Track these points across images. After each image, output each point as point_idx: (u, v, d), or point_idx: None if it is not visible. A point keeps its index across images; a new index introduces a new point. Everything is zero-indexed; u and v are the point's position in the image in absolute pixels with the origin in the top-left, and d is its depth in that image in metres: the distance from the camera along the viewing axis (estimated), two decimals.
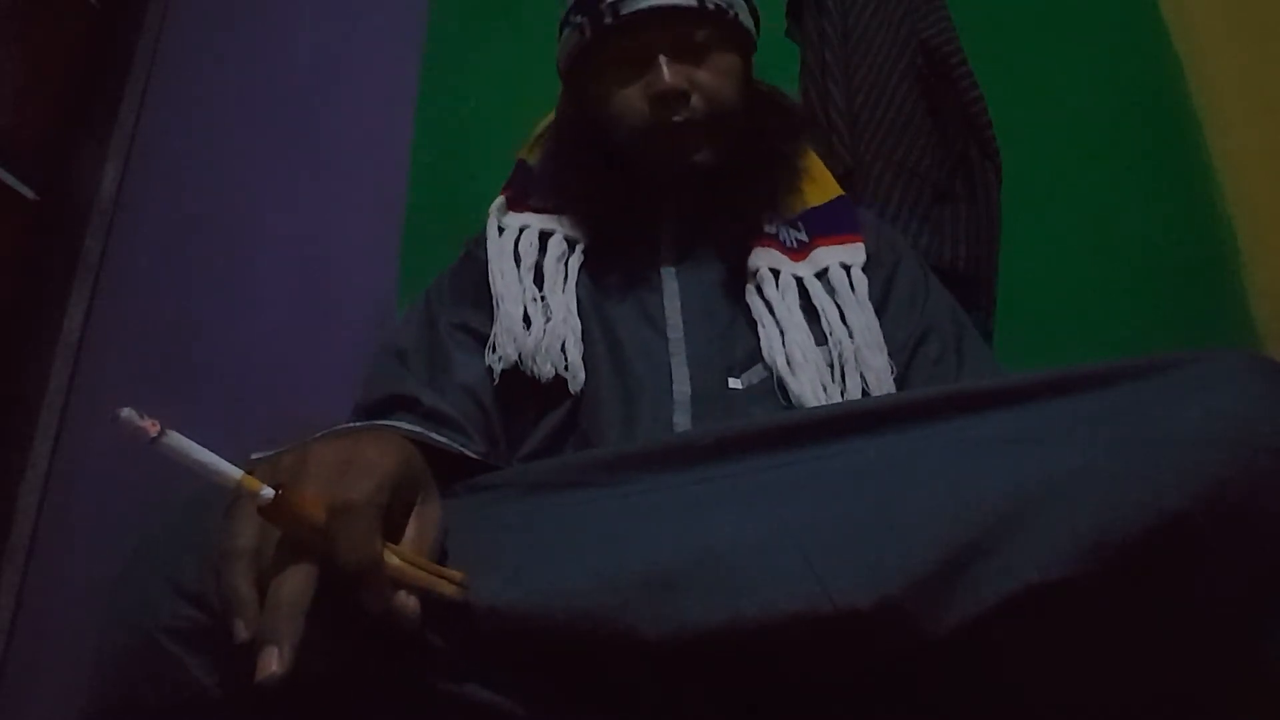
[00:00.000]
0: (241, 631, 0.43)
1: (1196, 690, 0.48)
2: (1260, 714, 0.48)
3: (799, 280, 0.84)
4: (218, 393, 1.44)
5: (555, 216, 0.89)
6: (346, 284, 1.50)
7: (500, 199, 0.93)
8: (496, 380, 0.80)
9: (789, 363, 0.78)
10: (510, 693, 0.47)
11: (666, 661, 0.46)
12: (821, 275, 0.85)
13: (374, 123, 1.62)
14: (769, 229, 0.87)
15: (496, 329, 0.83)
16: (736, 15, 0.88)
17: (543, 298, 0.84)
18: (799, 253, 0.87)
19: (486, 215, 0.93)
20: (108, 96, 1.65)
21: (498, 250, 0.87)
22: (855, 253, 0.87)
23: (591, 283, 0.87)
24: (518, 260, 0.86)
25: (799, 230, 0.89)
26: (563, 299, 0.83)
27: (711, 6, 0.85)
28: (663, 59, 0.83)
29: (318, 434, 0.53)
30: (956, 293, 1.19)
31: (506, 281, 0.84)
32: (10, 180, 1.48)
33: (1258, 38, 1.43)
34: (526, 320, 0.82)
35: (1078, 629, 0.46)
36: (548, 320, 0.82)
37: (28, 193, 1.52)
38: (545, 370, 0.79)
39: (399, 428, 0.57)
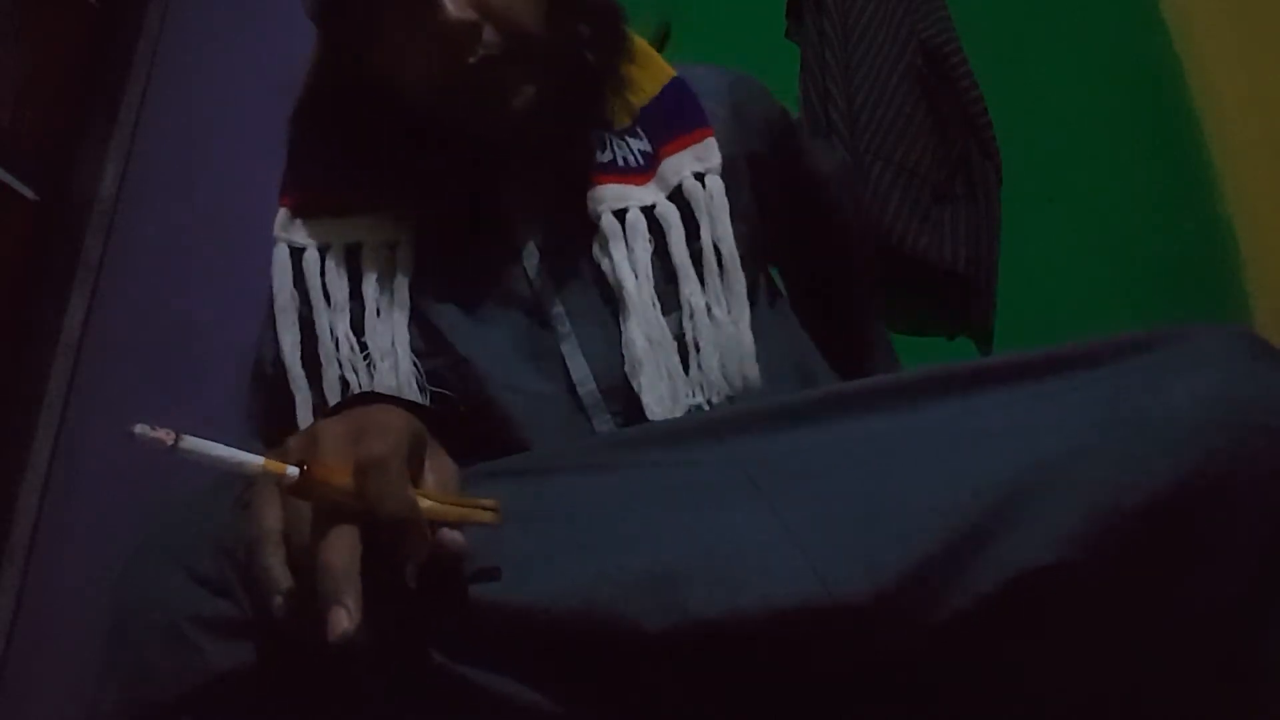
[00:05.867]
0: (279, 604, 0.43)
1: (1195, 676, 0.48)
2: (1259, 701, 0.48)
3: (649, 212, 0.69)
4: (217, 392, 1.44)
5: (358, 217, 0.71)
6: None
7: (282, 212, 0.74)
8: None
9: (632, 358, 0.66)
10: (522, 683, 0.47)
11: (669, 654, 0.47)
12: (675, 195, 0.70)
13: None
14: (603, 156, 0.71)
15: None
16: None
17: (363, 345, 0.68)
18: (645, 172, 0.71)
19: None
20: (108, 96, 1.65)
21: (289, 297, 0.70)
22: (706, 151, 0.72)
23: (434, 288, 0.70)
24: (328, 299, 0.69)
25: (639, 138, 0.72)
26: (389, 341, 0.68)
27: None
28: None
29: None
30: (956, 293, 1.20)
31: (322, 346, 0.68)
32: (10, 180, 1.49)
33: (1258, 37, 1.43)
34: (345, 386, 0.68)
35: (1075, 615, 0.47)
36: (370, 375, 0.67)
37: (28, 193, 1.52)
38: None
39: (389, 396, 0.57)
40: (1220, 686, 0.48)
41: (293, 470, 0.44)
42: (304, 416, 0.69)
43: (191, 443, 0.42)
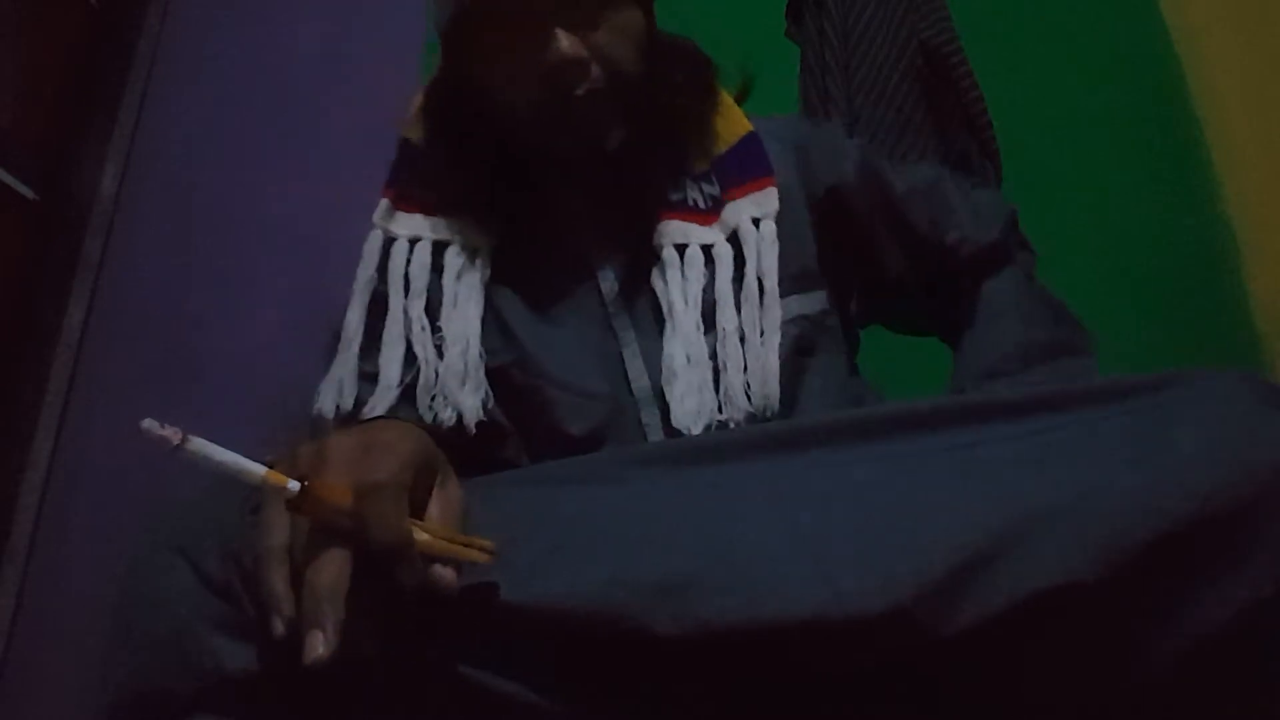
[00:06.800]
0: (279, 627, 0.44)
1: (1202, 697, 0.48)
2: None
3: (708, 250, 0.77)
4: (217, 391, 1.44)
5: (449, 219, 0.78)
6: (347, 283, 1.49)
7: (384, 203, 0.81)
8: None
9: (669, 370, 0.72)
10: (528, 683, 0.48)
11: (680, 658, 0.47)
12: (733, 237, 0.77)
13: (374, 121, 1.62)
14: (675, 195, 0.78)
15: (326, 378, 0.75)
16: None
17: (437, 328, 0.74)
18: (711, 213, 0.78)
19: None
20: (108, 96, 1.65)
21: (371, 276, 0.78)
22: (765, 200, 0.78)
23: (511, 289, 0.78)
24: (407, 285, 0.76)
25: (711, 183, 0.80)
26: (463, 330, 0.74)
27: None
28: (557, 28, 0.71)
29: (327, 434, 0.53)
30: None
31: (390, 316, 0.75)
32: (10, 180, 1.49)
33: (1258, 38, 1.43)
34: (409, 360, 0.74)
35: (1083, 633, 0.47)
36: (440, 356, 0.73)
37: (28, 193, 1.52)
38: (445, 415, 0.71)
39: (408, 419, 0.58)
40: (1229, 707, 0.49)
41: (293, 485, 0.44)
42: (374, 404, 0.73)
43: (197, 444, 0.42)
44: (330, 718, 0.48)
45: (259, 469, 0.44)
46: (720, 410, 0.71)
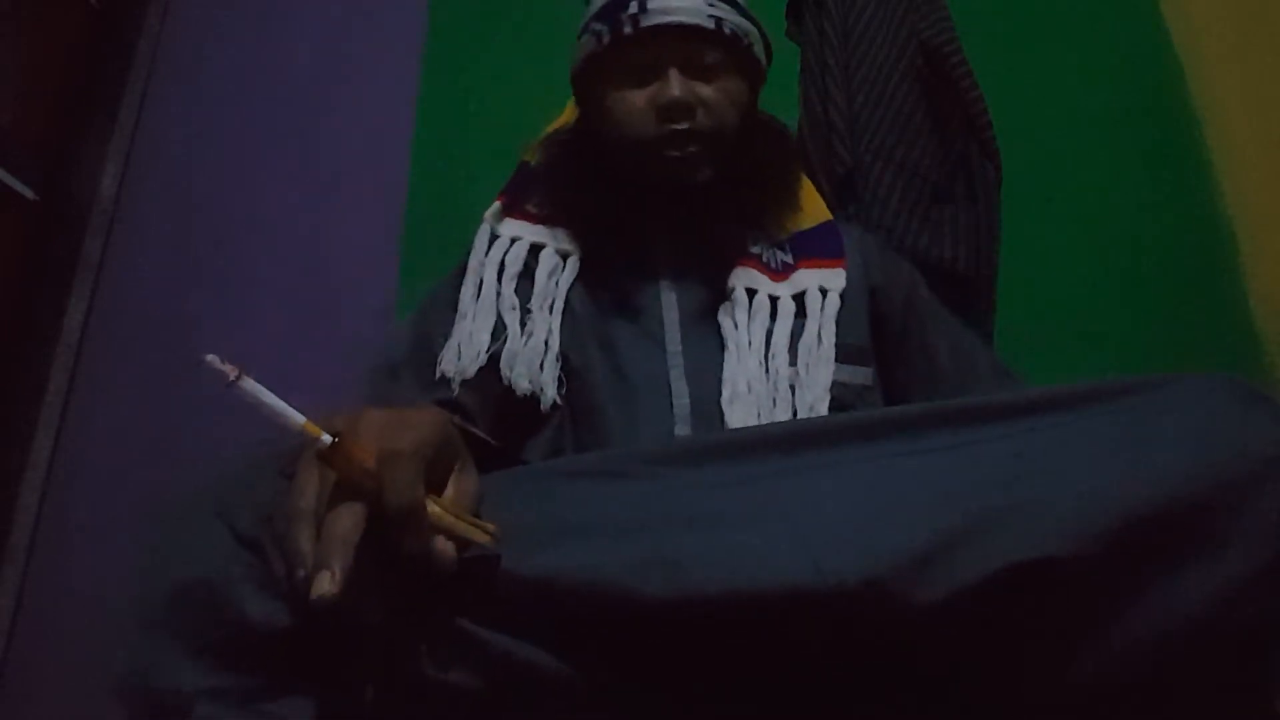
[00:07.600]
0: (299, 575, 0.47)
1: (1178, 681, 0.50)
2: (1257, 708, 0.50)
3: (774, 300, 0.87)
4: (216, 392, 1.44)
5: (549, 228, 0.91)
6: (346, 284, 1.50)
7: (496, 205, 0.94)
8: (457, 390, 0.84)
9: (732, 393, 0.81)
10: (522, 641, 0.51)
11: (668, 626, 0.50)
12: (799, 297, 0.88)
13: (374, 123, 1.62)
14: (754, 249, 0.90)
15: (448, 343, 0.86)
16: (750, 45, 0.92)
17: (527, 310, 0.86)
18: (781, 274, 0.90)
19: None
20: (108, 96, 1.65)
21: (480, 261, 0.90)
22: (835, 277, 0.90)
23: (588, 296, 0.89)
24: (502, 269, 0.89)
25: (785, 253, 0.92)
26: (548, 317, 0.86)
27: (728, 31, 0.89)
28: (673, 72, 0.86)
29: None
30: (955, 293, 1.20)
31: (484, 292, 0.88)
32: (10, 180, 1.49)
33: (1258, 38, 1.43)
34: (498, 331, 0.85)
35: (1060, 611, 0.49)
36: (527, 335, 0.85)
37: (28, 193, 1.52)
38: (522, 384, 0.83)
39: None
40: (1207, 687, 0.50)
41: (326, 438, 0.48)
42: (457, 340, 0.85)
43: (250, 385, 0.46)
44: (336, 679, 0.51)
45: (299, 417, 0.48)
46: None
